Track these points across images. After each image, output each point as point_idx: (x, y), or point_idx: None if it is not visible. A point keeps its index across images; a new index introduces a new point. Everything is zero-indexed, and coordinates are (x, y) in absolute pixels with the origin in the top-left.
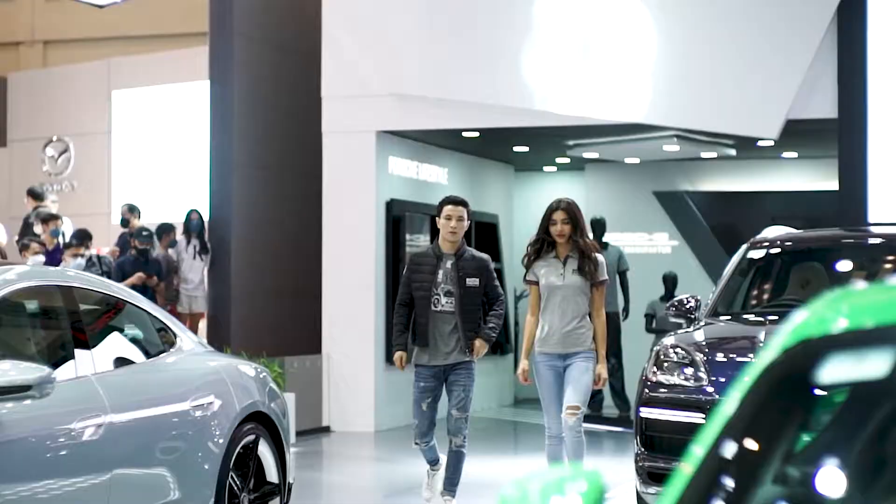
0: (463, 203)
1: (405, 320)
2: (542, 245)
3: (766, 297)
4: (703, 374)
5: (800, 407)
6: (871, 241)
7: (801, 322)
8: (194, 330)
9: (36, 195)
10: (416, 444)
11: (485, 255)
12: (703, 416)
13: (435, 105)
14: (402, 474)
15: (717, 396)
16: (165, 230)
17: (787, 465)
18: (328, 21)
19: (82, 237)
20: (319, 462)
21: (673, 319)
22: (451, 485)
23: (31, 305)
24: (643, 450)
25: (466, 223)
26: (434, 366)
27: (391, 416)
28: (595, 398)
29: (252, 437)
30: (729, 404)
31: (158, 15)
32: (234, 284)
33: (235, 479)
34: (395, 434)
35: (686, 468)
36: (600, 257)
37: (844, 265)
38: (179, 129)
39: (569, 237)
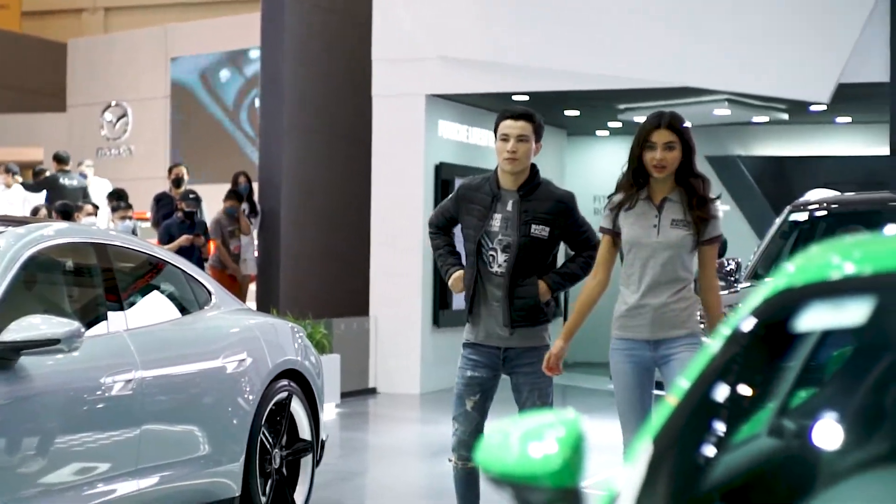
0: (527, 116)
1: (449, 239)
2: (635, 184)
3: None
4: None
5: (777, 354)
6: None
7: (786, 272)
8: (244, 292)
9: (60, 160)
10: (451, 461)
11: (566, 192)
12: None
13: (485, 68)
14: (445, 436)
15: None
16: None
17: (782, 418)
18: None
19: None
20: (365, 423)
21: None
22: None
23: (67, 262)
24: None
25: (535, 146)
26: (489, 347)
27: (437, 378)
28: None
29: (285, 394)
30: (712, 348)
31: None
32: (283, 247)
33: (267, 436)
34: (440, 396)
35: (671, 400)
36: (718, 203)
37: (889, 229)
38: None
39: (672, 171)
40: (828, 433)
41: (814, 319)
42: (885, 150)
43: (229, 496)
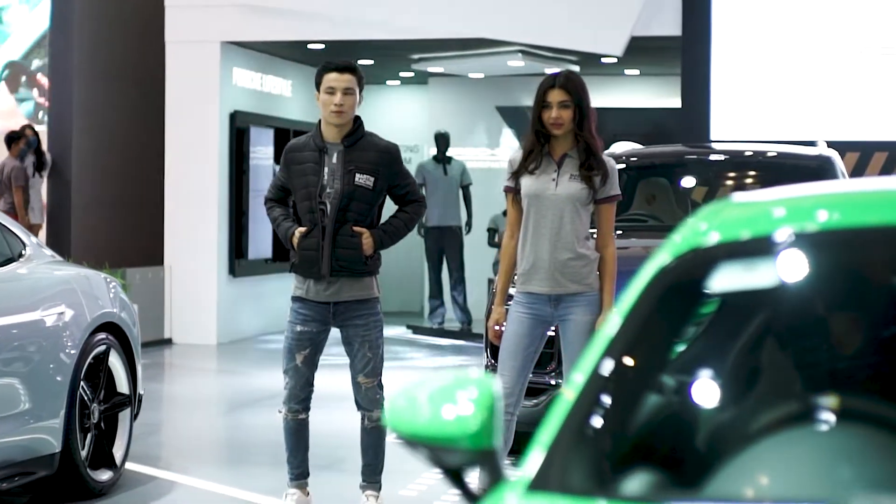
0: (352, 69)
1: (284, 208)
2: (539, 143)
3: None
4: None
5: (690, 313)
6: (715, 157)
7: (691, 230)
8: None
9: None
10: (282, 412)
11: (391, 143)
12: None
13: (280, 16)
14: (245, 386)
15: None
16: (14, 139)
17: (663, 374)
18: None
19: None
20: (161, 374)
21: None
22: (373, 474)
23: None
24: (493, 361)
25: (359, 98)
26: (318, 301)
27: (234, 327)
28: (436, 311)
29: (103, 347)
30: (617, 312)
31: None
32: (74, 195)
33: (86, 390)
34: (237, 346)
35: (568, 393)
36: (612, 163)
37: (689, 181)
38: None
39: (570, 129)
40: (707, 389)
41: (724, 280)
42: (672, 102)
43: (50, 452)
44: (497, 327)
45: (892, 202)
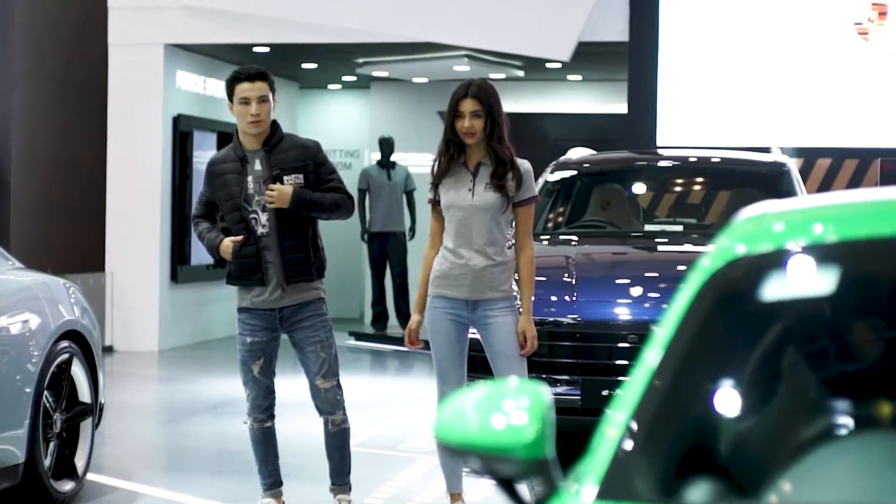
0: (262, 76)
1: (208, 222)
2: (452, 151)
3: (568, 218)
4: None
5: (732, 326)
6: (672, 164)
7: (727, 243)
8: None
9: None
10: (247, 423)
11: (311, 139)
12: None
13: (224, 18)
14: (189, 394)
15: None
16: None
17: (712, 386)
18: None
19: None
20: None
21: None
22: (341, 476)
23: None
24: None
25: (274, 104)
26: (263, 309)
27: (176, 335)
28: (379, 319)
29: (66, 355)
30: (665, 328)
31: None
32: (13, 199)
33: (49, 400)
34: (179, 353)
35: (622, 406)
36: (526, 165)
37: (644, 187)
38: None
39: (482, 137)
40: (728, 397)
41: (767, 290)
42: (614, 108)
43: (14, 463)
44: (416, 336)
45: None
